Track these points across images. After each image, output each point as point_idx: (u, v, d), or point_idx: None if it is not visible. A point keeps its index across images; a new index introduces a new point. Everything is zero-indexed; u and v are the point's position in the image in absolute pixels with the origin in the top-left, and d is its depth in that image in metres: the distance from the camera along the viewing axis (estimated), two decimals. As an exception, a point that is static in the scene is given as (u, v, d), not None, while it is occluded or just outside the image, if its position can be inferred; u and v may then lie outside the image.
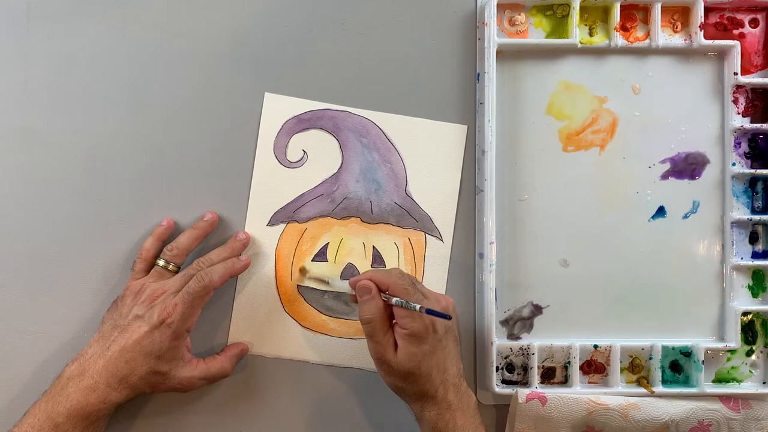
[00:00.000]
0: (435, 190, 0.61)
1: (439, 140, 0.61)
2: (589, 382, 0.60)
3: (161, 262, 0.57)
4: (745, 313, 0.60)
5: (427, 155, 0.61)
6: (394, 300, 0.50)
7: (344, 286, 0.56)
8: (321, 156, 0.60)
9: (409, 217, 0.60)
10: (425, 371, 0.51)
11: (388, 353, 0.51)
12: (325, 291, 0.60)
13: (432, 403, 0.52)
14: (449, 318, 0.49)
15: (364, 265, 0.60)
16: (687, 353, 0.60)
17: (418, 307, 0.49)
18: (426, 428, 0.52)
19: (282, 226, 0.60)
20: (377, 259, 0.60)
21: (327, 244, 0.60)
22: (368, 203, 0.60)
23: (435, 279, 0.60)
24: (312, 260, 0.60)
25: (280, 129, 0.60)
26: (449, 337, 0.52)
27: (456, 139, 0.61)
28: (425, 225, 0.61)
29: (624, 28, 0.60)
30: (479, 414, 0.53)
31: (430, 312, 0.49)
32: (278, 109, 0.60)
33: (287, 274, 0.60)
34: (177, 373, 0.54)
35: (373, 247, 0.60)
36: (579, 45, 0.59)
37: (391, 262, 0.60)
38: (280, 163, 0.60)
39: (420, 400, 0.52)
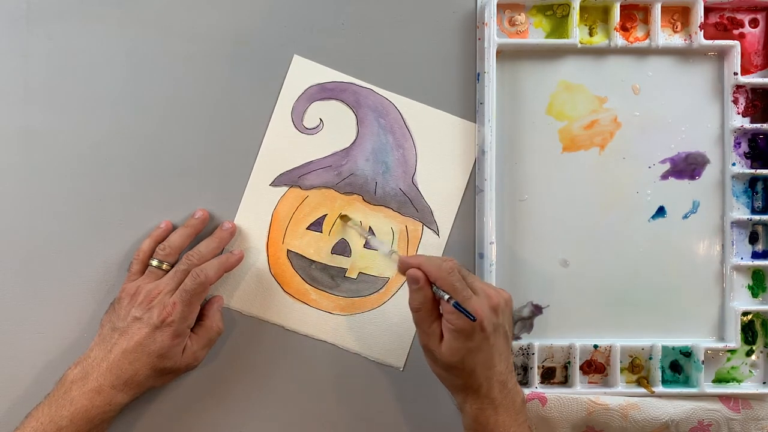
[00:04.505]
0: (441, 184, 0.61)
1: (455, 136, 0.61)
2: (589, 382, 0.60)
3: (154, 262, 0.57)
4: (745, 313, 0.60)
5: (441, 149, 0.61)
6: (440, 294, 0.49)
7: (382, 249, 0.58)
8: (336, 128, 0.60)
9: (411, 205, 0.61)
10: (469, 367, 0.50)
11: (432, 343, 0.50)
12: (313, 261, 0.60)
13: (474, 397, 0.51)
14: (474, 319, 0.48)
15: (356, 243, 0.60)
16: (687, 353, 0.60)
17: (446, 297, 0.49)
18: (467, 420, 0.52)
19: (284, 188, 0.60)
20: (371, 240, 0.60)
21: (325, 215, 0.60)
22: (373, 184, 0.60)
23: None
24: (307, 228, 0.60)
25: (302, 93, 0.60)
26: (499, 335, 0.51)
27: (470, 139, 0.61)
28: (425, 216, 0.61)
29: (624, 28, 0.60)
30: (525, 412, 0.52)
31: (457, 307, 0.48)
32: (304, 73, 0.60)
33: (280, 236, 0.60)
34: (181, 363, 0.55)
35: (370, 227, 0.60)
36: (579, 45, 0.59)
37: (384, 247, 0.60)
38: (295, 127, 0.60)
39: (462, 392, 0.51)
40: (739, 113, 0.61)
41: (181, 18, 0.60)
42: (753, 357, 0.61)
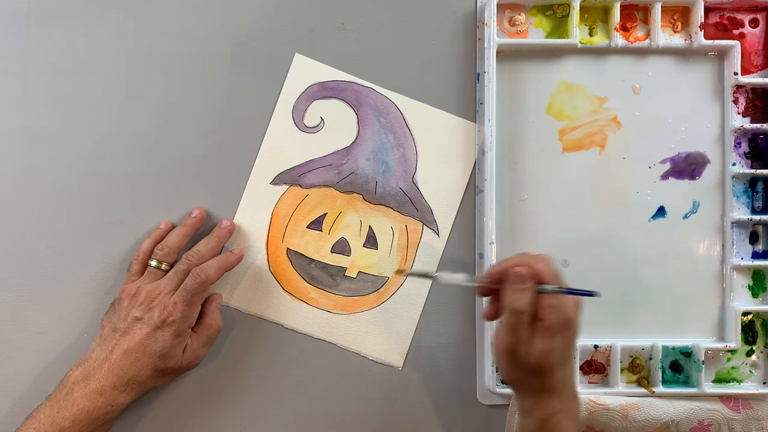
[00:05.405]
0: (442, 184, 0.61)
1: (455, 136, 0.61)
2: (589, 382, 0.60)
3: (153, 263, 0.57)
4: (745, 313, 0.60)
5: (441, 149, 0.61)
6: (544, 288, 0.47)
7: (459, 279, 0.52)
8: (337, 127, 0.61)
9: (411, 205, 0.61)
10: (550, 366, 0.47)
11: (523, 348, 0.46)
12: (313, 260, 0.60)
13: (547, 400, 0.48)
14: (598, 295, 0.45)
15: (356, 242, 0.60)
16: (687, 353, 0.60)
17: (550, 288, 0.46)
18: (532, 425, 0.49)
19: (284, 187, 0.60)
20: (371, 239, 0.60)
21: (325, 214, 0.60)
22: (374, 183, 0.60)
23: None
24: (306, 227, 0.60)
25: (303, 92, 0.60)
26: (575, 333, 0.48)
27: (470, 139, 0.61)
28: (425, 216, 0.61)
29: (624, 28, 0.60)
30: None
31: (572, 291, 0.46)
32: (305, 72, 0.60)
33: (279, 235, 0.60)
34: (182, 362, 0.55)
35: (369, 227, 0.60)
36: (579, 45, 0.59)
37: (384, 246, 0.60)
38: (296, 126, 0.60)
39: (536, 395, 0.48)
40: (739, 113, 0.61)
41: (181, 18, 0.60)
42: (753, 357, 0.61)
